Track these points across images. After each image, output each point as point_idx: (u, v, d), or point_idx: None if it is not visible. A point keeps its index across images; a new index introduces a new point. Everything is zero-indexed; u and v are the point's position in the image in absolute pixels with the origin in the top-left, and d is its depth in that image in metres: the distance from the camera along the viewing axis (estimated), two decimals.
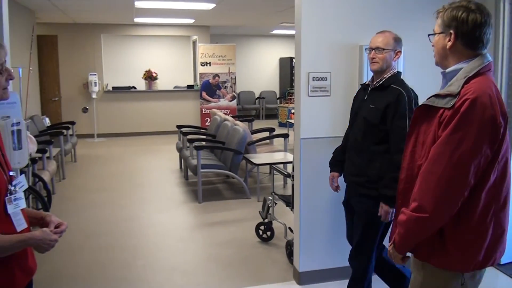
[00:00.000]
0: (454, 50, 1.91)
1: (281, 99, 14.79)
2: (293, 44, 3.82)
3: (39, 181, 5.43)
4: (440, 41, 1.94)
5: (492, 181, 1.85)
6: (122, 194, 6.65)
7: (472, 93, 1.77)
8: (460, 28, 1.86)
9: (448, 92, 1.85)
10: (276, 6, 8.23)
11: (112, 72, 12.51)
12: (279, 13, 9.18)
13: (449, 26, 1.89)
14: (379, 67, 2.90)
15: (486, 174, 1.83)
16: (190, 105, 12.14)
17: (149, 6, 8.36)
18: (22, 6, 8.21)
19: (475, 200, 1.84)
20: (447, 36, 1.90)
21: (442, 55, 1.96)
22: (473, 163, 1.77)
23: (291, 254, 4.13)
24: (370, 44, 2.96)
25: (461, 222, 1.85)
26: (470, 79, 1.84)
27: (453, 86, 1.85)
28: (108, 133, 11.59)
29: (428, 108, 1.92)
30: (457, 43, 1.89)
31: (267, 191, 6.34)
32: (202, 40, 12.19)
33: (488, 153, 1.79)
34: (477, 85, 1.81)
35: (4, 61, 1.74)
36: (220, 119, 7.98)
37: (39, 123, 8.26)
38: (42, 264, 4.20)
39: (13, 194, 1.79)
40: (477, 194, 1.83)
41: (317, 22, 3.57)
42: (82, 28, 11.30)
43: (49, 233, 1.78)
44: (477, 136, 1.76)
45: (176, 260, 4.42)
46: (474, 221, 1.85)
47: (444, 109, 1.84)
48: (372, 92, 2.97)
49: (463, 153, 1.76)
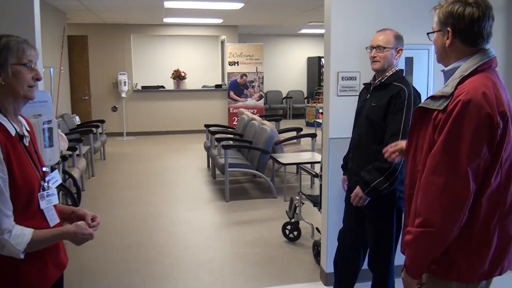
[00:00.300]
0: (453, 47, 1.81)
1: (309, 98, 14.71)
2: (321, 43, 3.79)
3: (69, 178, 5.52)
4: (439, 39, 1.85)
5: (495, 185, 1.73)
6: (150, 192, 6.72)
7: (466, 94, 1.67)
8: (457, 25, 1.76)
9: (442, 94, 1.76)
10: (305, 5, 8.19)
11: (141, 72, 12.67)
12: (308, 12, 9.12)
13: (446, 23, 1.79)
14: (380, 66, 2.86)
15: (486, 178, 1.71)
16: (218, 105, 12.20)
17: (178, 6, 8.42)
18: (53, 7, 8.38)
19: (476, 206, 1.72)
20: (445, 34, 1.80)
21: (442, 54, 1.87)
22: (472, 168, 1.67)
23: (318, 254, 4.10)
24: (371, 43, 2.92)
25: (463, 230, 1.73)
26: (466, 79, 1.74)
27: (448, 87, 1.76)
28: (137, 131, 11.75)
29: (424, 111, 1.82)
30: (455, 41, 1.78)
31: (294, 191, 6.31)
32: (230, 40, 12.22)
33: (487, 155, 1.68)
34: (472, 84, 1.70)
35: (33, 61, 1.78)
36: (248, 118, 7.98)
37: (69, 121, 8.41)
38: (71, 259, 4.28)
39: (46, 190, 1.83)
40: (477, 200, 1.72)
41: (347, 21, 3.53)
42: (112, 29, 11.48)
43: (83, 227, 1.82)
44: (474, 139, 1.65)
45: (203, 258, 4.44)
46: (477, 229, 1.74)
47: (438, 111, 1.74)
48: (374, 90, 2.92)
49: (462, 159, 1.66)
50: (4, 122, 1.73)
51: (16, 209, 1.68)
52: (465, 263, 1.76)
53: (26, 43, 1.78)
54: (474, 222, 1.73)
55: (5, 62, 1.71)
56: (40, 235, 1.72)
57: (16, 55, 1.73)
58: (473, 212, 1.72)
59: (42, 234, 1.73)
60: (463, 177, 1.66)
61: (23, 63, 1.74)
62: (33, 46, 1.80)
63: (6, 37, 1.74)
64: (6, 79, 1.72)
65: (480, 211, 1.73)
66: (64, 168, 5.37)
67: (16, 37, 1.76)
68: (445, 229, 1.71)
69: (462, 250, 1.75)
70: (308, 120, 12.91)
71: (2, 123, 1.72)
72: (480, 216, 1.73)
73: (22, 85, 1.75)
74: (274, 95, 15.07)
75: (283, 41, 15.17)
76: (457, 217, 1.70)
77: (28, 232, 1.68)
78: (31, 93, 1.79)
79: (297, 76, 15.55)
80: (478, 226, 1.73)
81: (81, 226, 1.82)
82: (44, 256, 1.80)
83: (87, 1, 7.75)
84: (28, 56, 1.76)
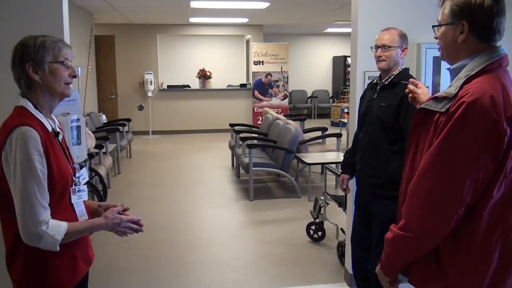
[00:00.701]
0: (466, 43, 1.63)
1: (334, 98, 14.60)
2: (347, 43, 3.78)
3: (95, 175, 5.61)
4: (448, 33, 1.66)
5: (497, 198, 1.57)
6: (175, 190, 6.77)
7: (471, 95, 1.51)
8: (475, 18, 1.59)
9: (445, 94, 1.61)
10: (331, 4, 8.13)
11: (167, 71, 12.79)
12: (334, 11, 9.06)
13: (461, 16, 1.60)
14: (386, 65, 2.82)
15: (488, 190, 1.56)
16: (243, 104, 12.22)
17: (205, 6, 8.46)
18: (81, 8, 8.52)
19: (476, 220, 1.58)
20: (458, 28, 1.63)
21: (451, 50, 1.69)
22: (468, 177, 1.52)
23: (343, 255, 4.06)
24: (376, 42, 2.88)
25: (460, 244, 1.60)
26: (472, 79, 1.58)
27: (452, 87, 1.61)
28: (162, 130, 11.85)
29: (426, 112, 1.68)
30: (470, 36, 1.61)
31: (318, 191, 6.27)
32: (256, 39, 12.23)
33: (490, 166, 1.52)
34: (478, 85, 1.54)
35: (69, 59, 1.83)
36: (272, 118, 7.97)
37: (96, 119, 8.54)
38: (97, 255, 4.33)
39: (77, 185, 1.88)
40: (477, 213, 1.57)
41: (374, 19, 3.49)
42: (138, 29, 11.61)
43: (111, 218, 1.85)
44: (474, 145, 1.50)
45: (227, 256, 4.45)
46: (476, 244, 1.59)
47: (440, 114, 1.60)
48: (381, 90, 2.87)
49: (456, 165, 1.52)
50: (41, 118, 1.77)
51: (50, 202, 1.72)
52: (461, 280, 1.62)
53: (61, 42, 1.82)
54: (473, 236, 1.59)
55: (42, 61, 1.75)
56: (74, 227, 1.77)
57: (52, 54, 1.77)
58: (473, 225, 1.59)
59: (76, 226, 1.78)
60: (455, 186, 1.53)
61: (59, 61, 1.78)
62: (68, 45, 1.85)
63: (41, 37, 1.78)
64: (43, 77, 1.76)
65: (480, 224, 1.58)
66: (90, 165, 5.46)
67: (51, 37, 1.81)
68: (424, 238, 1.61)
69: (458, 266, 1.62)
70: (333, 120, 12.82)
71: (40, 119, 1.77)
72: (480, 230, 1.58)
73: (59, 83, 1.79)
74: (299, 94, 15.01)
75: (308, 40, 15.09)
76: (440, 227, 1.58)
77: (63, 223, 1.72)
78: (67, 90, 1.84)
79: (322, 75, 15.46)
80: (478, 240, 1.59)
81: (110, 216, 1.85)
82: (73, 251, 1.84)
83: (114, 1, 7.85)
84: (64, 54, 1.80)
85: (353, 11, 3.60)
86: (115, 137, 7.64)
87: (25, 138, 1.65)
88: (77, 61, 7.58)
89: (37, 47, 1.75)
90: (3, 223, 1.79)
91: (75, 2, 7.82)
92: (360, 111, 3.06)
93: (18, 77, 1.78)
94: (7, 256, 1.80)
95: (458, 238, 1.61)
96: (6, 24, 2.93)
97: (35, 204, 1.65)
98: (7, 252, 1.80)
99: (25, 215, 1.65)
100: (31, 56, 1.74)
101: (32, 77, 1.75)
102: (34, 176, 1.65)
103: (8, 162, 1.67)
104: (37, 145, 1.67)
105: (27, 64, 1.74)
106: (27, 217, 1.65)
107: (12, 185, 1.67)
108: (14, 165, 1.65)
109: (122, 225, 1.87)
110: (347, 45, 14.66)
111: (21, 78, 1.77)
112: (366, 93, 3.08)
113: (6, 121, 1.75)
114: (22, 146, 1.64)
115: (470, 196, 1.55)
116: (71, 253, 1.82)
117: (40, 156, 1.67)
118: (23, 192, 1.64)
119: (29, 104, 1.77)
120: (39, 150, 1.67)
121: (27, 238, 1.67)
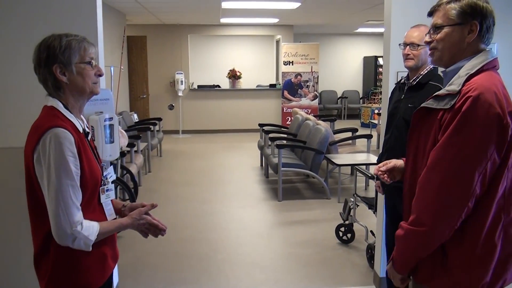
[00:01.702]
0: (471, 44, 1.69)
1: (364, 98, 14.46)
2: (378, 43, 3.73)
3: (126, 173, 5.70)
4: (455, 34, 1.70)
5: (501, 191, 1.62)
6: (205, 188, 6.82)
7: (475, 90, 1.57)
8: (485, 19, 1.67)
9: (448, 92, 1.65)
10: (363, 3, 8.05)
11: (198, 71, 12.89)
12: (365, 11, 8.97)
13: (473, 15, 1.66)
14: (414, 64, 2.75)
15: (494, 183, 1.60)
16: (272, 104, 12.22)
17: (236, 7, 8.50)
18: (114, 9, 8.67)
19: (483, 212, 1.61)
20: (466, 28, 1.68)
21: (454, 51, 1.72)
22: (477, 169, 1.55)
23: (372, 258, 4.02)
24: (405, 39, 2.80)
25: (466, 239, 1.63)
26: (472, 77, 1.64)
27: (454, 85, 1.65)
28: (192, 129, 11.96)
29: (427, 111, 1.72)
30: (477, 37, 1.68)
31: (348, 192, 6.22)
32: (286, 39, 12.21)
33: (496, 158, 1.57)
34: (481, 81, 1.60)
35: (94, 58, 1.83)
36: (302, 118, 7.94)
37: (128, 118, 8.68)
38: (126, 251, 4.39)
39: (105, 184, 1.90)
40: (485, 206, 1.61)
41: (407, 19, 3.42)
42: (170, 29, 11.74)
43: (137, 218, 1.88)
44: (481, 138, 1.55)
45: (256, 256, 4.46)
46: (482, 238, 1.62)
47: (444, 111, 1.64)
48: (409, 91, 2.80)
49: (465, 157, 1.55)
50: (72, 119, 1.78)
51: (81, 202, 1.74)
52: (466, 274, 1.64)
53: (86, 41, 1.81)
54: (479, 229, 1.62)
55: (69, 62, 1.75)
56: (105, 227, 1.79)
57: (79, 54, 1.76)
58: (480, 218, 1.62)
59: (106, 226, 1.80)
60: (465, 178, 1.56)
61: (86, 61, 1.78)
62: (92, 43, 1.85)
63: (65, 37, 1.77)
64: (71, 78, 1.76)
65: (487, 218, 1.61)
66: (122, 163, 5.55)
67: (75, 36, 1.79)
68: (437, 230, 1.62)
69: (463, 260, 1.64)
70: (363, 120, 12.69)
71: (71, 120, 1.77)
72: (486, 223, 1.62)
73: (87, 82, 1.79)
74: (329, 95, 14.92)
75: (338, 40, 14.98)
76: (451, 219, 1.60)
77: (95, 224, 1.74)
78: (96, 88, 1.84)
79: (353, 75, 15.32)
80: (484, 234, 1.62)
81: (136, 216, 1.88)
82: (103, 248, 1.86)
83: (147, 3, 7.97)
84: (90, 54, 1.80)
85: (386, 11, 3.56)
86: (146, 136, 7.74)
87: (60, 140, 1.66)
88: (110, 61, 7.72)
89: (63, 48, 1.74)
90: (33, 223, 1.80)
91: (108, 3, 7.96)
92: (388, 112, 3.01)
93: (44, 79, 1.77)
94: (36, 256, 1.81)
95: (464, 232, 1.63)
96: (41, 27, 3.00)
97: (70, 205, 1.66)
98: (36, 253, 1.81)
99: (60, 216, 1.65)
100: (58, 58, 1.73)
101: (60, 78, 1.75)
102: (69, 177, 1.66)
103: (41, 163, 1.67)
104: (71, 147, 1.68)
105: (54, 66, 1.73)
106: (62, 217, 1.65)
107: (45, 186, 1.67)
108: (48, 166, 1.65)
109: (146, 227, 1.90)
110: (378, 45, 14.52)
111: (48, 80, 1.76)
112: (393, 93, 3.03)
113: (38, 122, 1.75)
114: (57, 148, 1.65)
115: (479, 188, 1.58)
116: (100, 251, 1.84)
117: (74, 158, 1.68)
118: (58, 193, 1.65)
119: (59, 105, 1.77)
120: (73, 151, 1.68)
121: (61, 238, 1.67)
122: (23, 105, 3.06)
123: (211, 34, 12.63)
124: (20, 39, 3.04)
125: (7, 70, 3.10)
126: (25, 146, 1.75)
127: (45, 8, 3.03)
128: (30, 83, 2.99)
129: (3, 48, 3.08)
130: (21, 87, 3.09)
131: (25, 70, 2.99)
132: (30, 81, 2.98)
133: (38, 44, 1.78)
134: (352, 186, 6.17)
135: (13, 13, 3.05)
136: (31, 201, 1.77)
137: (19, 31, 3.04)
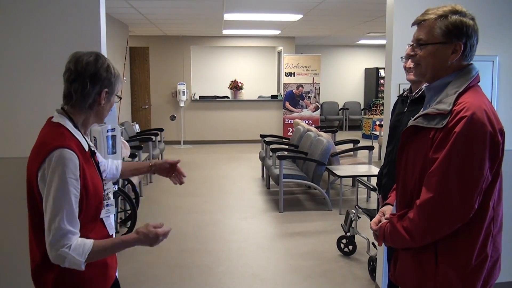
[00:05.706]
0: (454, 63, 1.71)
1: (366, 110, 14.48)
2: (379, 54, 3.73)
3: (128, 183, 5.69)
4: (439, 52, 1.70)
5: (492, 204, 1.67)
6: (205, 199, 6.81)
7: (467, 109, 1.59)
8: (469, 38, 1.67)
9: (438, 111, 1.65)
10: (364, 16, 8.09)
11: (200, 82, 12.93)
12: (367, 23, 9.02)
13: (458, 36, 1.67)
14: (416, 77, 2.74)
15: (486, 199, 1.65)
16: (274, 115, 12.24)
17: (238, 19, 8.54)
18: (117, 20, 8.73)
19: (477, 226, 1.66)
20: (450, 47, 1.68)
21: (438, 69, 1.73)
22: (476, 190, 1.60)
23: (374, 270, 4.00)
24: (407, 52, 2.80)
25: (461, 253, 1.67)
26: (461, 95, 1.66)
27: (444, 104, 1.66)
28: (194, 140, 11.97)
29: (416, 129, 1.73)
30: (460, 56, 1.69)
31: (349, 204, 6.21)
32: (287, 51, 12.27)
33: (489, 175, 1.62)
34: (471, 100, 1.62)
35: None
36: (303, 129, 7.95)
37: (130, 129, 8.69)
38: (128, 262, 4.37)
39: (105, 199, 1.90)
40: (478, 221, 1.65)
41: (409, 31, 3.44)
42: (172, 40, 11.81)
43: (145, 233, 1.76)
44: (480, 158, 1.58)
45: (256, 267, 4.44)
46: (476, 250, 1.66)
47: (436, 130, 1.65)
48: (412, 103, 2.79)
49: (470, 179, 1.59)
50: (79, 138, 1.79)
51: (86, 219, 1.74)
52: (460, 282, 1.68)
53: None
54: (473, 243, 1.67)
55: (113, 91, 1.84)
56: (101, 245, 1.72)
57: (119, 87, 1.87)
58: (473, 234, 1.66)
59: (103, 244, 1.74)
60: (470, 198, 1.60)
61: (118, 95, 1.88)
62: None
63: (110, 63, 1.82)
64: (105, 104, 1.83)
65: (480, 233, 1.66)
66: None
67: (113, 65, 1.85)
68: (421, 243, 1.70)
69: (460, 270, 1.67)
70: (365, 132, 12.70)
71: (78, 139, 1.78)
72: (479, 238, 1.67)
73: (108, 112, 1.88)
74: (330, 106, 14.94)
75: (340, 52, 15.04)
76: (441, 235, 1.66)
77: (88, 242, 1.69)
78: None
79: (354, 87, 15.36)
80: (479, 247, 1.67)
81: (143, 231, 1.77)
82: (105, 259, 1.85)
83: (150, 14, 8.02)
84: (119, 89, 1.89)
85: (388, 23, 3.57)
86: (147, 147, 7.75)
87: (65, 162, 1.66)
88: None
89: (115, 77, 1.82)
90: (37, 238, 1.77)
91: (111, 14, 8.01)
92: (390, 124, 3.01)
93: (83, 94, 1.77)
94: (34, 269, 1.79)
95: (458, 248, 1.67)
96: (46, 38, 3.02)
97: (61, 228, 1.64)
98: (35, 265, 1.79)
99: (51, 237, 1.64)
100: (112, 86, 1.82)
101: (99, 101, 1.80)
102: (67, 201, 1.65)
103: (44, 182, 1.67)
104: (75, 170, 1.68)
105: (105, 90, 1.79)
106: (52, 239, 1.64)
107: (44, 205, 1.67)
108: (49, 186, 1.65)
109: (161, 239, 1.80)
110: (380, 57, 14.56)
111: (90, 97, 1.77)
112: (396, 105, 3.02)
113: (45, 139, 1.74)
114: (61, 169, 1.65)
115: (477, 205, 1.63)
116: (103, 261, 1.84)
117: (76, 180, 1.68)
118: (52, 215, 1.64)
119: (68, 123, 1.78)
120: (76, 174, 1.68)
121: (52, 258, 1.66)
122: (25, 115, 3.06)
123: (213, 45, 12.69)
124: (25, 51, 3.04)
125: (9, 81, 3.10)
126: (29, 162, 1.75)
127: (50, 19, 3.05)
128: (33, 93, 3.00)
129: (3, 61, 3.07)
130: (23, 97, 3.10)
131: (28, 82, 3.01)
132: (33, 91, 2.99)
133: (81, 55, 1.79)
134: (353, 197, 6.16)
135: (17, 25, 3.05)
136: (33, 216, 1.76)
137: (24, 43, 3.04)
